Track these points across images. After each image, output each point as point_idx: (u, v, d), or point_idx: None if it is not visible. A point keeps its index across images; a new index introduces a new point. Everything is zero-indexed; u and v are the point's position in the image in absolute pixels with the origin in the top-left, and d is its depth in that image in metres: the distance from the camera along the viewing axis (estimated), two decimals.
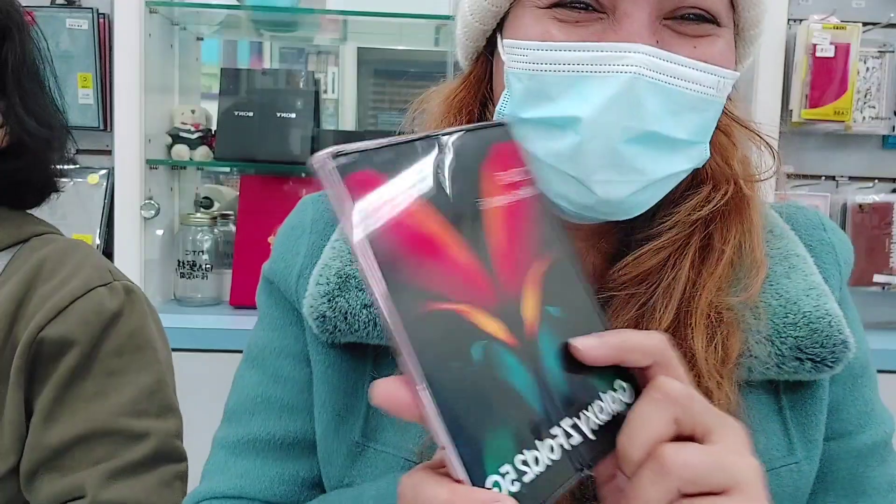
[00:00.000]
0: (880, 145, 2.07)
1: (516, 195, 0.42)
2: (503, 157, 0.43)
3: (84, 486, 0.82)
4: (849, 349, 0.61)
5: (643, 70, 0.53)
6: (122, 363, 0.87)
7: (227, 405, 0.71)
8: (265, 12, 2.11)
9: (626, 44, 0.54)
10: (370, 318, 0.62)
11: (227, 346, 1.70)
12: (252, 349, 0.71)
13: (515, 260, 0.41)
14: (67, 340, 0.84)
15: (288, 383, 0.67)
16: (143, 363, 0.89)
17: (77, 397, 0.84)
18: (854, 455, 0.66)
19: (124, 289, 0.90)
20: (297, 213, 0.72)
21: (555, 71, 0.56)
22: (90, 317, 0.85)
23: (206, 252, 2.01)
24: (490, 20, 0.61)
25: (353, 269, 0.63)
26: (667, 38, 0.56)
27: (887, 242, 1.99)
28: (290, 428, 0.66)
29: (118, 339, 0.87)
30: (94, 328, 0.85)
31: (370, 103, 2.76)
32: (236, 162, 2.05)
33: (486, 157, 0.42)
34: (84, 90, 1.94)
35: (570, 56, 0.55)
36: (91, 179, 1.98)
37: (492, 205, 0.41)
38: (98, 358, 0.86)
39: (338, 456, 0.64)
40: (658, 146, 0.56)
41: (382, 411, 0.37)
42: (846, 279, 0.69)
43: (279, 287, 0.69)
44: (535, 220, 0.43)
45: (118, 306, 0.88)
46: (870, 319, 2.01)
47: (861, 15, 2.01)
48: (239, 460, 0.66)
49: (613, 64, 0.54)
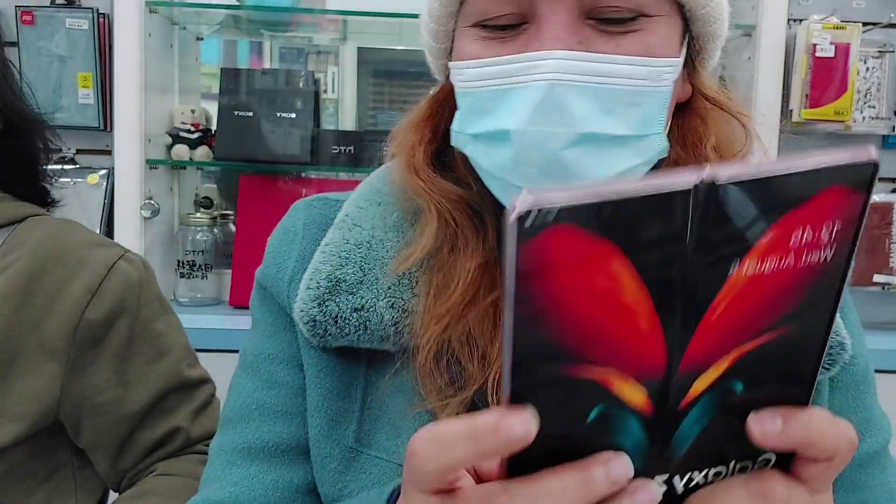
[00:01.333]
0: (880, 145, 2.07)
1: (803, 259, 0.32)
2: (828, 206, 0.32)
3: (178, 425, 0.95)
4: (845, 350, 0.61)
5: (560, 75, 0.54)
6: (160, 325, 0.95)
7: (223, 413, 0.70)
8: (265, 12, 2.11)
9: (539, 52, 0.55)
10: (360, 322, 0.62)
11: (227, 346, 1.70)
12: (246, 355, 0.70)
13: (728, 332, 0.33)
14: (111, 317, 0.90)
15: (282, 389, 0.67)
16: (174, 322, 0.99)
17: (142, 363, 0.93)
18: (854, 463, 0.66)
19: (137, 258, 0.97)
20: (290, 218, 0.72)
21: (485, 87, 0.58)
22: (123, 291, 0.91)
23: (206, 252, 2.01)
24: (444, 40, 0.63)
25: (344, 272, 0.63)
26: (591, 36, 0.56)
27: (887, 242, 1.99)
28: (285, 434, 0.66)
29: (150, 304, 0.95)
30: (130, 301, 0.92)
31: (370, 103, 2.76)
32: (236, 162, 2.04)
33: (799, 205, 0.31)
34: (84, 90, 1.94)
35: (493, 71, 0.57)
36: (91, 179, 1.97)
37: (746, 274, 0.32)
38: (142, 325, 0.93)
39: (331, 461, 0.63)
40: (599, 146, 0.56)
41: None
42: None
43: (271, 292, 0.69)
44: (800, 290, 0.33)
45: (140, 275, 0.94)
46: (870, 319, 2.01)
47: (861, 15, 2.01)
48: (234, 468, 0.66)
49: (530, 73, 0.55)
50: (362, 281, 0.63)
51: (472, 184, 0.64)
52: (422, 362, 0.60)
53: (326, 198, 0.71)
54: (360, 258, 0.64)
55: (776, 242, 0.31)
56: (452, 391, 0.60)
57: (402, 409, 0.62)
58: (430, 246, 0.63)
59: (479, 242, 0.63)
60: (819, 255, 0.32)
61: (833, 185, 0.31)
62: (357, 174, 2.05)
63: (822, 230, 0.32)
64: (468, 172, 0.64)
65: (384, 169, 0.71)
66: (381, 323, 0.62)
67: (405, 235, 0.65)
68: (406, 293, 0.63)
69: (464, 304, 0.61)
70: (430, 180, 0.64)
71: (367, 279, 0.63)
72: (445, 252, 0.63)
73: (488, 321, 0.61)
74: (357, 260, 0.64)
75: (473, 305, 0.61)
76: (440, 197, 0.64)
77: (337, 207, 0.69)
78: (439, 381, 0.60)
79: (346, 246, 0.64)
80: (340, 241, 0.65)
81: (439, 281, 0.63)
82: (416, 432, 0.37)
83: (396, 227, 0.66)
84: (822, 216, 0.32)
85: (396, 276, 0.63)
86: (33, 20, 1.92)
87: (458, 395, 0.60)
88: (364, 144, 2.00)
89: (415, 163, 0.65)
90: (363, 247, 0.64)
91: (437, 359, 0.60)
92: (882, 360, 1.69)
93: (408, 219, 0.66)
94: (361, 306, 0.62)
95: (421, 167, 0.65)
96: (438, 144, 0.67)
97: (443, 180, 0.64)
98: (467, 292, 0.61)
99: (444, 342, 0.60)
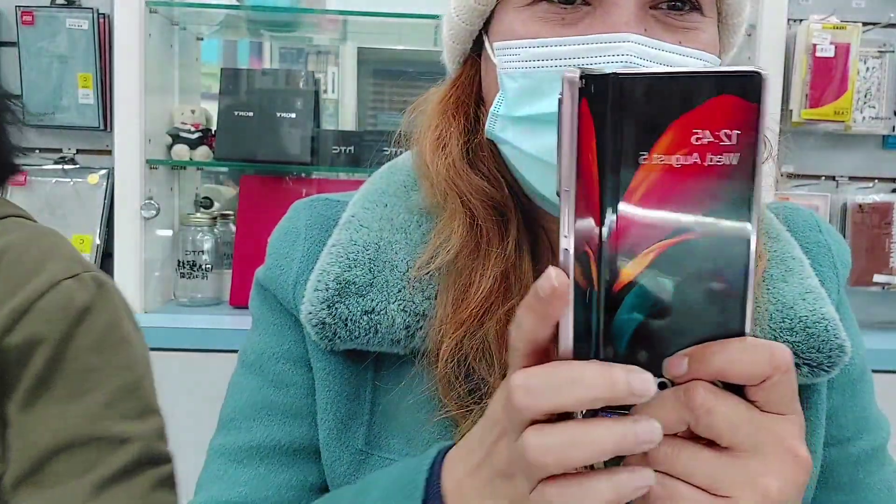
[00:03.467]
0: (880, 145, 2.07)
1: (708, 159, 0.38)
2: (721, 112, 0.37)
3: (69, 502, 0.76)
4: (845, 353, 0.60)
5: (633, 58, 0.54)
6: (95, 362, 0.81)
7: (222, 413, 0.69)
8: (265, 12, 2.11)
9: (614, 34, 0.54)
10: (371, 324, 0.61)
11: (227, 346, 1.70)
12: (248, 355, 0.69)
13: (650, 220, 0.39)
14: (32, 343, 0.78)
15: (291, 388, 0.66)
16: (119, 361, 0.83)
17: (49, 402, 0.78)
18: (853, 461, 0.66)
19: (94, 280, 0.83)
20: (290, 219, 0.70)
21: (547, 67, 0.56)
22: (56, 314, 0.79)
23: (206, 252, 2.01)
24: (476, 20, 0.61)
25: (353, 274, 0.62)
26: (654, 27, 0.56)
27: (887, 242, 1.99)
28: (296, 434, 0.65)
29: (90, 335, 0.81)
30: (61, 325, 0.79)
31: (370, 103, 2.76)
32: (236, 162, 2.04)
33: (695, 107, 0.37)
34: (84, 90, 1.94)
35: (561, 51, 0.56)
36: (91, 179, 1.97)
37: (657, 161, 0.38)
38: (68, 358, 0.79)
39: (341, 464, 0.63)
40: None
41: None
42: (843, 282, 0.68)
43: (274, 293, 0.68)
44: (711, 191, 0.38)
45: (88, 300, 0.81)
46: (870, 319, 2.02)
47: (861, 15, 2.01)
48: (241, 468, 0.65)
49: (604, 55, 0.54)
50: (372, 283, 0.62)
51: (501, 183, 0.63)
52: (441, 369, 0.59)
53: (327, 198, 0.70)
54: (369, 260, 0.63)
55: (678, 139, 0.37)
56: (474, 399, 0.59)
57: (413, 412, 0.62)
58: (456, 248, 0.62)
59: (502, 249, 0.62)
60: (723, 159, 0.37)
61: (724, 94, 0.37)
62: (357, 174, 2.05)
63: (721, 134, 0.37)
64: (497, 170, 0.63)
65: (386, 169, 0.70)
66: (392, 326, 0.61)
67: (411, 237, 0.64)
68: (418, 296, 0.62)
69: (483, 311, 0.60)
70: (465, 178, 0.63)
71: (376, 281, 0.62)
72: (465, 255, 0.62)
73: (506, 330, 0.59)
74: (366, 262, 0.62)
75: (491, 314, 0.60)
76: (473, 198, 0.62)
77: (338, 208, 0.68)
78: (460, 390, 0.59)
79: (354, 247, 0.63)
80: (348, 242, 0.64)
81: (459, 285, 0.61)
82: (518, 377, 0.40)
83: (403, 229, 0.65)
84: (717, 121, 0.37)
85: (407, 279, 0.62)
86: (33, 20, 1.92)
87: (480, 404, 0.59)
88: (364, 144, 2.00)
89: (452, 158, 0.63)
90: (371, 248, 0.63)
91: (457, 366, 0.59)
92: (882, 360, 1.69)
93: (414, 220, 0.65)
94: (372, 309, 0.61)
95: (458, 162, 0.63)
96: (468, 136, 0.65)
97: (476, 178, 0.63)
98: (487, 300, 0.60)
99: (463, 350, 0.59)
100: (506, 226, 0.63)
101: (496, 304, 0.60)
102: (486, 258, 0.61)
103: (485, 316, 0.60)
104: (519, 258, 0.62)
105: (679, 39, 0.56)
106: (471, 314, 0.60)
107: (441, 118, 0.65)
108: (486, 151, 0.63)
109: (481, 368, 0.59)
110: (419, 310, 0.61)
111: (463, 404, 0.59)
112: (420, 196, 0.66)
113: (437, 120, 0.65)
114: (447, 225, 0.63)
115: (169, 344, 1.69)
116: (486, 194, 0.62)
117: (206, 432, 0.71)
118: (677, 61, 0.55)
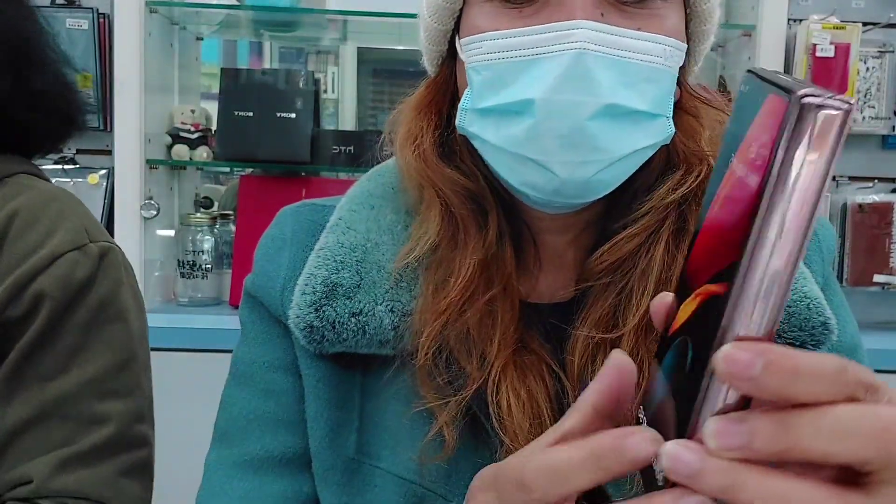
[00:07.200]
0: (880, 145, 2.07)
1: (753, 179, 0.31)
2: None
3: (32, 474, 0.76)
4: (830, 331, 0.60)
5: (588, 45, 0.54)
6: (88, 338, 0.80)
7: (216, 427, 0.69)
8: (265, 12, 2.11)
9: (568, 22, 0.55)
10: (359, 326, 0.61)
11: (228, 346, 1.67)
12: (238, 366, 0.69)
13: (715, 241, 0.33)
14: (28, 317, 0.78)
15: (281, 397, 0.66)
16: (112, 337, 0.82)
17: (34, 376, 0.78)
18: None
19: (99, 250, 0.83)
20: (277, 226, 0.71)
21: (507, 58, 0.57)
22: (56, 290, 0.78)
23: (206, 252, 2.01)
24: (448, 20, 0.62)
25: (340, 277, 0.62)
26: (611, 13, 0.56)
27: (887, 242, 1.99)
28: (289, 443, 0.65)
29: (86, 310, 0.80)
30: (59, 301, 0.79)
31: (370, 103, 2.76)
32: (236, 162, 2.04)
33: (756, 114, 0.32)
34: (84, 90, 1.94)
35: (518, 41, 0.56)
36: (91, 179, 1.97)
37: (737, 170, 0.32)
38: (60, 334, 0.79)
39: (334, 472, 0.63)
40: (620, 120, 0.56)
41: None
42: (829, 262, 0.69)
43: (262, 301, 0.68)
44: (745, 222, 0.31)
45: (89, 272, 0.81)
46: (870, 319, 2.01)
47: (861, 15, 2.01)
48: (237, 482, 0.65)
49: (559, 43, 0.55)
50: (359, 285, 0.62)
51: (478, 176, 0.64)
52: (421, 360, 0.60)
53: (314, 203, 0.71)
54: (356, 262, 0.63)
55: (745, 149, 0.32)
56: (451, 391, 0.60)
57: (400, 417, 0.62)
58: (434, 239, 0.62)
59: (481, 238, 0.62)
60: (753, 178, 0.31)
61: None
62: (357, 174, 2.03)
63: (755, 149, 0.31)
64: (474, 164, 0.64)
65: (374, 171, 0.71)
66: (380, 327, 0.61)
67: (399, 238, 0.65)
68: (405, 296, 0.62)
69: (463, 300, 0.61)
70: (436, 169, 0.63)
71: (364, 283, 0.62)
72: (445, 246, 0.63)
73: (486, 320, 0.61)
74: (353, 264, 0.63)
75: (472, 303, 0.61)
76: (445, 188, 0.63)
77: (325, 212, 0.68)
78: (438, 380, 0.60)
79: (342, 250, 0.64)
80: (335, 244, 0.64)
81: (439, 276, 0.62)
82: (525, 462, 0.37)
83: (390, 230, 0.65)
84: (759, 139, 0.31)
85: (395, 279, 0.62)
86: None
87: (457, 395, 0.59)
88: (364, 144, 2.00)
89: (422, 150, 0.64)
90: (359, 250, 0.64)
91: (436, 356, 0.60)
92: (882, 360, 1.69)
93: (401, 221, 0.66)
94: (360, 311, 0.61)
95: (429, 154, 0.64)
96: (441, 132, 0.66)
97: (449, 169, 0.64)
98: (466, 289, 0.61)
99: (443, 340, 0.60)
100: (484, 216, 0.63)
101: (476, 293, 0.61)
102: (464, 248, 0.62)
103: (465, 305, 0.60)
104: (500, 248, 0.63)
105: (638, 25, 0.56)
106: (451, 303, 0.60)
107: (414, 116, 0.66)
108: (461, 147, 0.64)
109: (461, 357, 0.60)
110: (406, 309, 0.62)
111: (440, 395, 0.60)
112: (407, 197, 0.67)
113: (411, 117, 0.66)
114: (426, 217, 0.64)
115: (169, 344, 1.68)
116: (459, 185, 0.63)
117: (205, 432, 0.71)
118: (636, 46, 0.56)
